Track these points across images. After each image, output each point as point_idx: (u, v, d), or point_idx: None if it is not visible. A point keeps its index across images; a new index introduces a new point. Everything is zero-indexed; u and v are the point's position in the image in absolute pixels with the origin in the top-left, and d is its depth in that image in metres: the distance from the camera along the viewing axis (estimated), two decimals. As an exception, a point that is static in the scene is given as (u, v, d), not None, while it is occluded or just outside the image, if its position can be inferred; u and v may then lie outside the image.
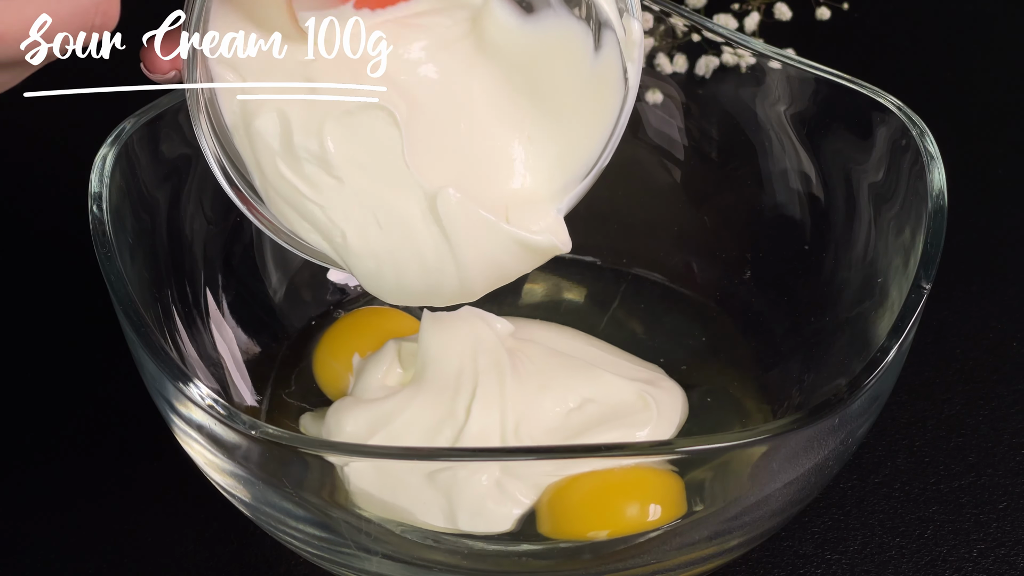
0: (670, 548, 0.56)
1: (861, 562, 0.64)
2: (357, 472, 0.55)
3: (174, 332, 0.62)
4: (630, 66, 0.56)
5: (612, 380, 0.64)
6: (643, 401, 0.63)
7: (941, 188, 0.59)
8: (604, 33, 0.55)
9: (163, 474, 0.66)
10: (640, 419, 0.62)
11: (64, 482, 0.67)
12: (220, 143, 0.55)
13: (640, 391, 0.63)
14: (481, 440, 0.60)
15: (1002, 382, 0.71)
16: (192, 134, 0.57)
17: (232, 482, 0.55)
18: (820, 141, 0.66)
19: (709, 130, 0.71)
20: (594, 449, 0.55)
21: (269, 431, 0.51)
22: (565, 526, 0.57)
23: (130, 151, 0.60)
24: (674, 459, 0.55)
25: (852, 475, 0.67)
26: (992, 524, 0.65)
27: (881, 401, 0.57)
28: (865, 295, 0.62)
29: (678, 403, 0.65)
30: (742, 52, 0.67)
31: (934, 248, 0.57)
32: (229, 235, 0.67)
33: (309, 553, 0.57)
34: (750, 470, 0.54)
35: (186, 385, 0.52)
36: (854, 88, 0.63)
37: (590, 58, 0.55)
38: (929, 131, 0.61)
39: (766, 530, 0.58)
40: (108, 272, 0.56)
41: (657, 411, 0.63)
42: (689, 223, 0.72)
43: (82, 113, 0.64)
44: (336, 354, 0.67)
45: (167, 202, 0.63)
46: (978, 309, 0.75)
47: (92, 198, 0.58)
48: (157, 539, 0.65)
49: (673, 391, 0.65)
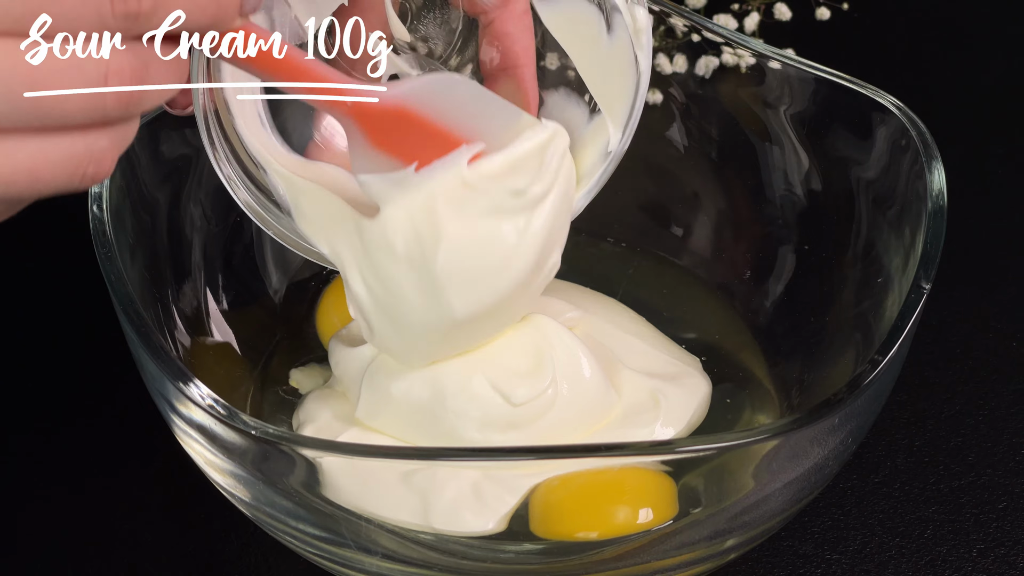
0: (670, 548, 0.56)
1: (861, 562, 0.64)
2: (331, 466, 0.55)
3: (174, 332, 0.62)
4: (639, 53, 0.56)
5: (630, 377, 0.63)
6: (653, 400, 0.63)
7: (941, 188, 0.59)
8: (614, 17, 0.55)
9: (163, 474, 0.66)
10: (645, 419, 0.62)
11: (64, 482, 0.67)
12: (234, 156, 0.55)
13: (654, 390, 0.63)
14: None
15: (1002, 382, 0.71)
16: (192, 134, 0.58)
17: (232, 482, 0.55)
18: (820, 141, 0.66)
19: (709, 130, 0.71)
20: (590, 449, 0.55)
21: (269, 431, 0.51)
22: (555, 526, 0.57)
23: (130, 151, 0.60)
24: (670, 459, 0.55)
25: (852, 475, 0.67)
26: (992, 524, 0.65)
27: (881, 401, 0.57)
28: (865, 295, 0.62)
29: (695, 402, 0.64)
30: (742, 52, 0.67)
31: (934, 248, 0.57)
32: (229, 235, 0.67)
33: (309, 553, 0.57)
34: (750, 470, 0.54)
35: (186, 385, 0.52)
36: (854, 88, 0.63)
37: (604, 41, 0.55)
38: (929, 131, 0.61)
39: (766, 530, 0.58)
40: (108, 272, 0.56)
41: (665, 412, 0.62)
42: (689, 223, 0.72)
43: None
44: (340, 310, 0.68)
45: (167, 202, 0.64)
46: (978, 309, 0.75)
47: (92, 198, 0.58)
48: (157, 539, 0.65)
49: (695, 389, 0.64)
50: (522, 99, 0.59)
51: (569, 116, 0.60)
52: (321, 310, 0.70)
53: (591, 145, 0.59)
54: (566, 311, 0.65)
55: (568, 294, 0.68)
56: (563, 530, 0.57)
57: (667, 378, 0.64)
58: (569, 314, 0.65)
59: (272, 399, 0.66)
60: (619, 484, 0.56)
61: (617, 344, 0.66)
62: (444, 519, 0.56)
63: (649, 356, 0.66)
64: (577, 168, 0.59)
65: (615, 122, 0.58)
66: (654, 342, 0.67)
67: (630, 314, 0.69)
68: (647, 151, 0.72)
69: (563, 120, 0.58)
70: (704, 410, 0.64)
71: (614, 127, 0.58)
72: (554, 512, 0.57)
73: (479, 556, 0.57)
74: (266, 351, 0.68)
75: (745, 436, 0.52)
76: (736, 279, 0.70)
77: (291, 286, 0.70)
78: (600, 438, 0.61)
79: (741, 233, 0.71)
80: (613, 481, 0.57)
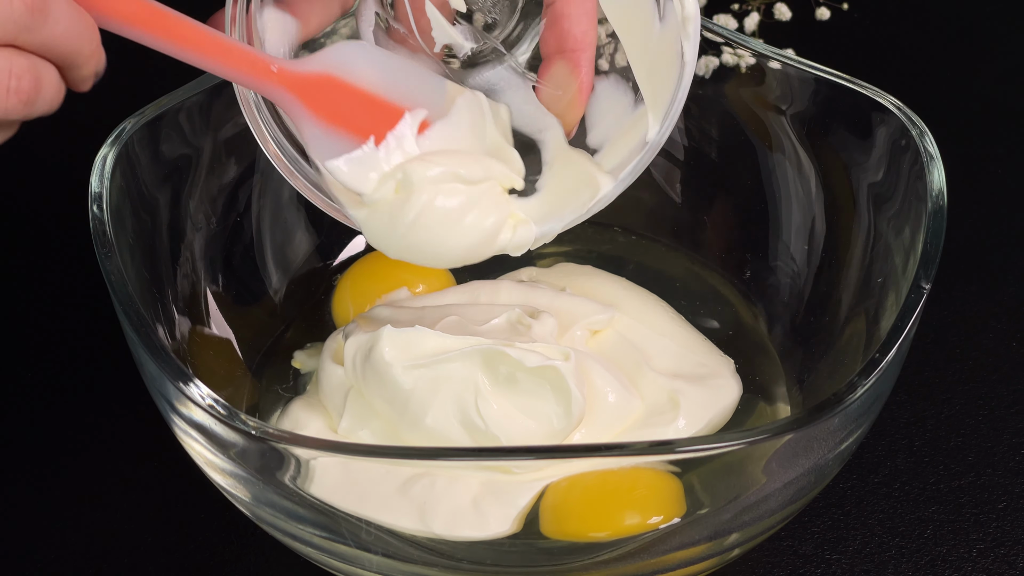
0: (670, 548, 0.56)
1: (861, 562, 0.64)
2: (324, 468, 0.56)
3: (174, 332, 0.62)
4: (686, 43, 0.56)
5: (653, 379, 0.64)
6: (672, 401, 0.63)
7: (941, 188, 0.59)
8: (666, 5, 0.55)
9: (163, 474, 0.66)
10: (664, 419, 0.62)
11: (64, 482, 0.67)
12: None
13: (674, 391, 0.63)
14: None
15: (1002, 382, 0.71)
16: (192, 134, 0.58)
17: (232, 482, 0.55)
18: (820, 141, 0.66)
19: (709, 130, 0.71)
20: (590, 449, 0.55)
21: (270, 431, 0.51)
22: (566, 527, 0.57)
23: (130, 151, 0.60)
24: (672, 459, 0.55)
25: (852, 475, 0.67)
26: (992, 524, 0.65)
27: (881, 401, 0.57)
28: (865, 295, 0.62)
29: (719, 404, 0.64)
30: (742, 52, 0.67)
31: (934, 248, 0.57)
32: (229, 235, 0.67)
33: (309, 552, 0.57)
34: (750, 470, 0.54)
35: (186, 385, 0.52)
36: (854, 88, 0.63)
37: (655, 29, 0.56)
38: (929, 131, 0.61)
39: (766, 530, 0.58)
40: (108, 272, 0.56)
41: (684, 412, 0.62)
42: (689, 223, 0.72)
43: (82, 113, 0.64)
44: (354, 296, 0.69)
45: (167, 202, 0.63)
46: (978, 309, 0.75)
47: (92, 198, 0.58)
48: (157, 539, 0.65)
49: (721, 391, 0.64)
50: (575, 83, 0.59)
51: (615, 103, 0.61)
52: (337, 295, 0.70)
53: (631, 133, 0.59)
54: (593, 313, 0.66)
55: (607, 289, 0.69)
56: (575, 530, 0.57)
57: (692, 379, 0.64)
58: (597, 316, 0.66)
59: (272, 398, 0.66)
60: (631, 484, 0.56)
61: (648, 344, 0.66)
62: (444, 524, 0.56)
63: (678, 357, 0.66)
64: (613, 157, 0.60)
65: (655, 112, 0.58)
66: (686, 342, 0.67)
67: (668, 313, 0.69)
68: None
69: (608, 108, 0.59)
70: (729, 412, 0.64)
71: (654, 117, 0.58)
72: (566, 512, 0.57)
73: (479, 558, 0.57)
74: (266, 350, 0.68)
75: (745, 436, 0.52)
76: (736, 279, 0.70)
77: (291, 285, 0.70)
78: (619, 439, 0.61)
79: (740, 233, 0.71)
80: (625, 481, 0.57)
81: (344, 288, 0.70)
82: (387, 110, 0.57)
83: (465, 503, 0.57)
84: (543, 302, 0.66)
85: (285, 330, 0.69)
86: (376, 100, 0.57)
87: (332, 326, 0.69)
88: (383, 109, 0.57)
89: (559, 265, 0.71)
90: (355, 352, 0.61)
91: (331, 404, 0.63)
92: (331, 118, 0.56)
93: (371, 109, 0.57)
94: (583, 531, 0.57)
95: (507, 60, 0.62)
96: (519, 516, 0.58)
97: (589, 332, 0.66)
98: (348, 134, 0.56)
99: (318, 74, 0.56)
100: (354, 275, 0.71)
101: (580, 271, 0.71)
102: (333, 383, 0.63)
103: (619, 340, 0.66)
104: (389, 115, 0.57)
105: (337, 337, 0.65)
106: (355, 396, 0.61)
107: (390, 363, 0.59)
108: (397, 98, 0.58)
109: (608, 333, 0.66)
